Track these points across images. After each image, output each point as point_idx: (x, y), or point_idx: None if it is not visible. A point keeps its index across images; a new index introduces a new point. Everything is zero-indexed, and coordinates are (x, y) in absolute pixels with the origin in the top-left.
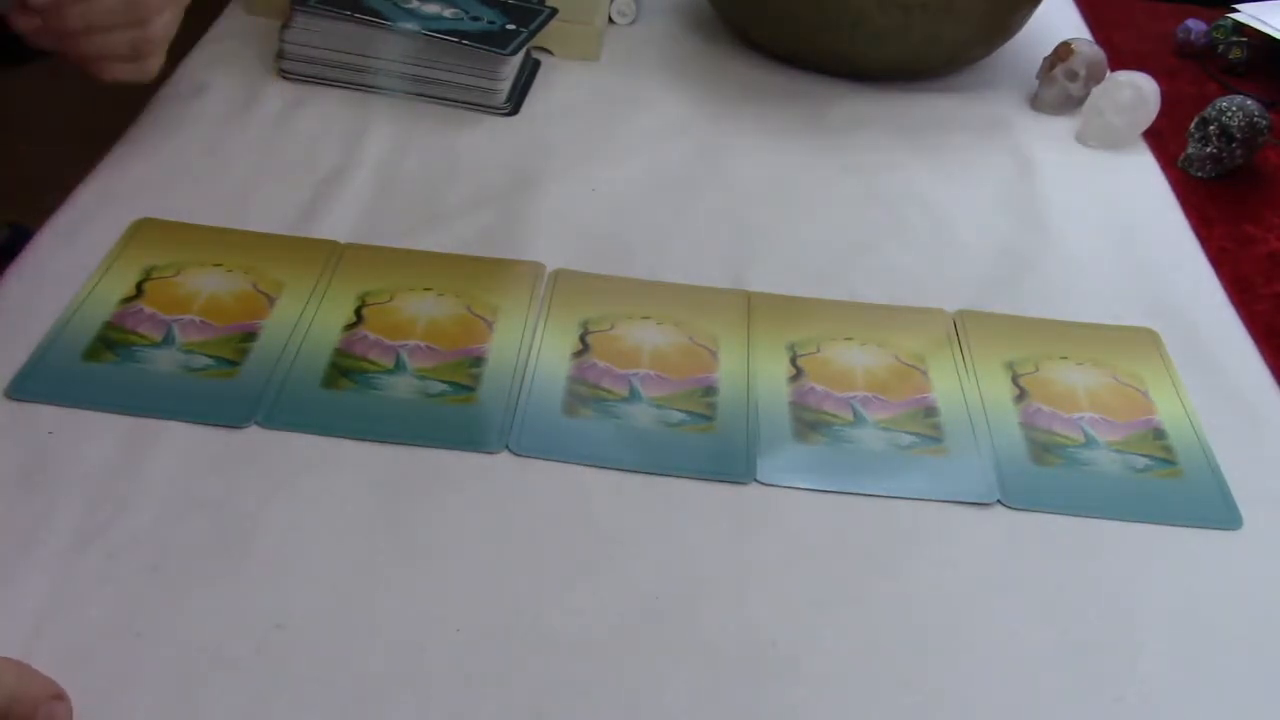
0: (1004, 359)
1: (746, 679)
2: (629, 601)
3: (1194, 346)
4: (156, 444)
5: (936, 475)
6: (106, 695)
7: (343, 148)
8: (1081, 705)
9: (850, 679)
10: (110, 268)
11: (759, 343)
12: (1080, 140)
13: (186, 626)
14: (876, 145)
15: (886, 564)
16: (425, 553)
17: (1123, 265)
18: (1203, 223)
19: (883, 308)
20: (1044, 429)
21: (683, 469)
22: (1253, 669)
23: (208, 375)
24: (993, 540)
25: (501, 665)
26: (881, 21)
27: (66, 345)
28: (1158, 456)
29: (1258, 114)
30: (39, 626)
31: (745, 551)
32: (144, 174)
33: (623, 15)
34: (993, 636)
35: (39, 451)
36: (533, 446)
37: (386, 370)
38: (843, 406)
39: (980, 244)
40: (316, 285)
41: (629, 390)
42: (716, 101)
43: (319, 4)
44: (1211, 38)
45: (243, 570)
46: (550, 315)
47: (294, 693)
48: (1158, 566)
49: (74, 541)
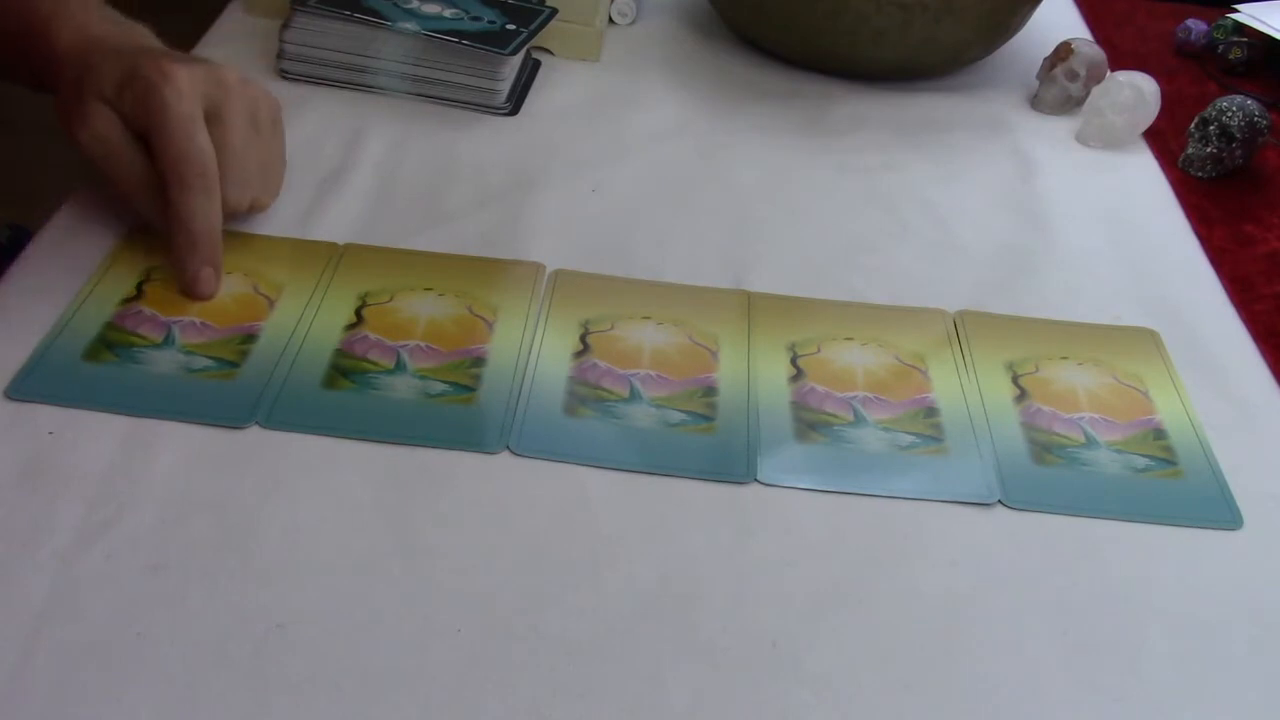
0: (1004, 359)
1: (746, 679)
2: (629, 601)
3: (1194, 346)
4: (157, 444)
5: (937, 475)
6: (106, 695)
7: (343, 148)
8: (1081, 705)
9: (850, 679)
10: (110, 268)
11: (759, 343)
12: (1080, 140)
13: (186, 626)
14: (876, 145)
15: (887, 564)
16: (425, 553)
17: (1123, 265)
18: (1203, 223)
19: (883, 308)
20: (1044, 429)
21: (683, 469)
22: (1253, 669)
23: (208, 376)
24: (993, 540)
25: (501, 665)
26: (881, 22)
27: (66, 345)
28: (1158, 456)
29: (1258, 114)
30: (39, 626)
31: (745, 551)
32: None
33: (623, 15)
34: (993, 636)
35: (39, 451)
36: (533, 446)
37: (387, 370)
38: (843, 406)
39: (980, 244)
40: (316, 286)
41: (629, 390)
42: (716, 101)
43: (318, 4)
44: (1211, 38)
45: (243, 570)
46: (550, 315)
47: (294, 693)
48: (1158, 566)
49: (74, 541)
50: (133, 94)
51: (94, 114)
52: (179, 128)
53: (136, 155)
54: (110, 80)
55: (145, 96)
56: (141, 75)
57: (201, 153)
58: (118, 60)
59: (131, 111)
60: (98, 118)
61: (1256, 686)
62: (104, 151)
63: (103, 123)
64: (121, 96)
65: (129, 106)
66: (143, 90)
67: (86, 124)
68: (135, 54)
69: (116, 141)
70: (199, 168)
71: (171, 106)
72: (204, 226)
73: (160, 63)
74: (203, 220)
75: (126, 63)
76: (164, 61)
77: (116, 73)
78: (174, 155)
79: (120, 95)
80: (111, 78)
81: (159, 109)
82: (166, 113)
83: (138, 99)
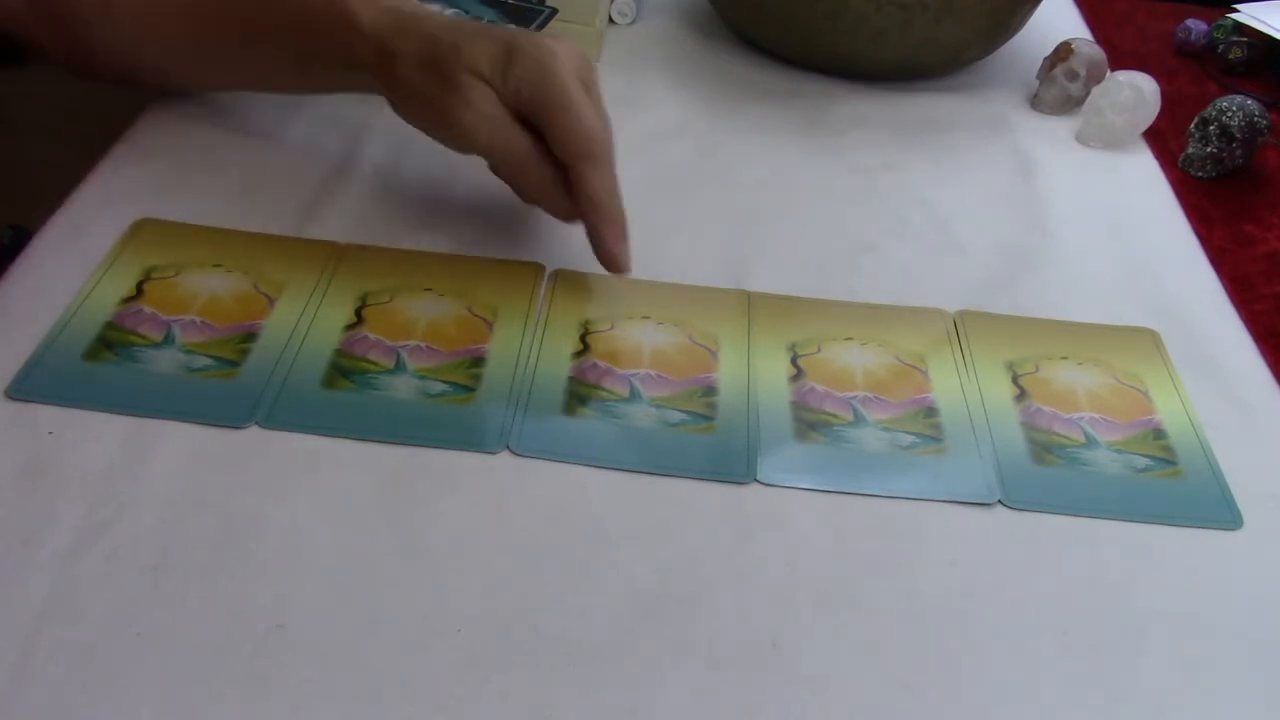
0: (1004, 359)
1: (746, 679)
2: (629, 601)
3: (1194, 346)
4: (157, 444)
5: (937, 475)
6: (106, 695)
7: (343, 148)
8: (1081, 705)
9: (850, 679)
10: (110, 268)
11: (759, 343)
12: (1080, 140)
13: (187, 626)
14: (876, 145)
15: (887, 564)
16: (425, 553)
17: (1123, 265)
18: (1203, 223)
19: (883, 308)
20: (1044, 429)
21: (683, 469)
22: (1253, 669)
23: (208, 375)
24: (993, 540)
25: (501, 665)
26: (881, 22)
27: (66, 345)
28: (1158, 456)
29: (1258, 114)
30: (39, 626)
31: (745, 551)
32: (144, 174)
33: (623, 15)
34: (993, 636)
35: (39, 451)
36: (533, 446)
37: (387, 370)
38: (843, 406)
39: (980, 244)
40: (316, 286)
41: (629, 390)
42: (716, 101)
43: None
44: (1211, 38)
45: (243, 570)
46: (550, 315)
47: (294, 693)
48: (1158, 566)
49: (74, 541)
50: (521, 72)
51: (477, 94)
52: (581, 105)
53: (523, 134)
54: (485, 58)
55: (539, 74)
56: (528, 53)
57: (604, 128)
58: (485, 38)
59: (518, 90)
60: (482, 99)
61: (1256, 686)
62: (491, 131)
63: (488, 103)
64: (506, 76)
65: (514, 85)
66: (534, 68)
67: (471, 105)
68: (500, 30)
69: (502, 120)
70: (604, 144)
71: (569, 83)
72: (616, 201)
73: (537, 39)
74: (614, 195)
75: (499, 40)
76: (539, 37)
77: (490, 50)
78: (582, 133)
79: (504, 74)
80: (486, 56)
81: (559, 88)
82: (567, 91)
83: (528, 77)
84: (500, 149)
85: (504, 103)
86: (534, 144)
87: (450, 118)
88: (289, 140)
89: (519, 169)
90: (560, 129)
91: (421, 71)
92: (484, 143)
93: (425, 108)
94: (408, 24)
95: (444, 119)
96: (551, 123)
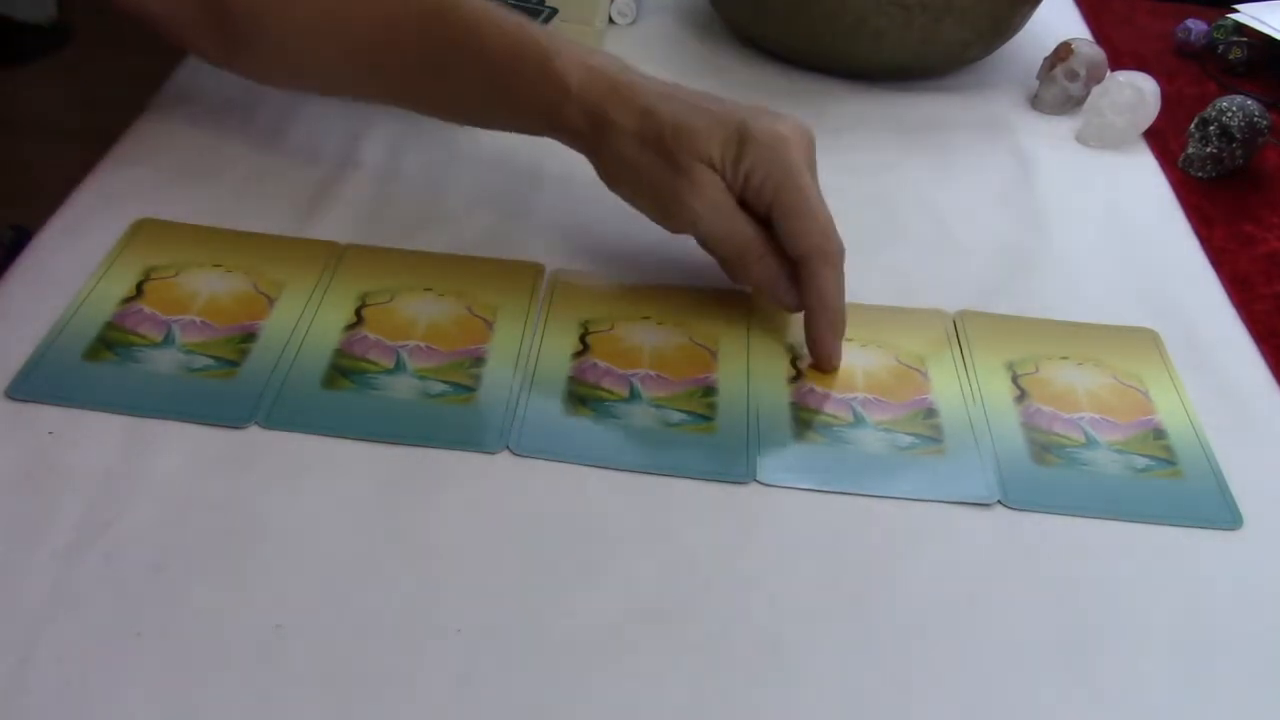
0: (1004, 359)
1: (746, 679)
2: (629, 601)
3: (1194, 346)
4: (156, 444)
5: (937, 475)
6: (106, 695)
7: (343, 148)
8: (1081, 705)
9: (851, 679)
10: (110, 268)
11: (759, 343)
12: (1080, 140)
13: (187, 626)
14: (876, 145)
15: (887, 564)
16: (425, 553)
17: (1123, 265)
18: (1203, 223)
19: (883, 308)
20: (1044, 429)
21: (683, 469)
22: (1253, 669)
23: (208, 375)
24: (993, 540)
25: (501, 665)
26: (881, 21)
27: (66, 345)
28: (1158, 457)
29: (1258, 114)
30: (39, 626)
31: (745, 552)
32: (144, 174)
33: (623, 15)
34: (993, 637)
35: (39, 451)
36: (533, 446)
37: (386, 370)
38: (843, 408)
39: (980, 244)
40: (316, 286)
41: (629, 390)
42: None
43: None
44: (1211, 38)
45: (243, 570)
46: (550, 315)
47: (294, 693)
48: (1158, 566)
49: (74, 541)
50: (753, 163)
51: (705, 181)
52: (816, 204)
53: (749, 223)
54: (717, 145)
55: (772, 167)
56: (761, 143)
57: (832, 225)
58: (710, 118)
59: (748, 178)
60: (711, 186)
61: (1257, 687)
62: (717, 220)
63: (717, 190)
64: (737, 165)
65: (745, 173)
66: (768, 157)
67: (698, 193)
68: (721, 107)
69: (729, 210)
70: (838, 244)
71: (804, 180)
72: (842, 302)
73: (765, 122)
74: (841, 296)
75: (726, 124)
76: (767, 119)
77: (720, 136)
78: (817, 232)
79: (735, 163)
80: (717, 143)
81: (793, 185)
82: (802, 190)
83: (761, 168)
84: (725, 238)
85: (731, 190)
86: (760, 234)
87: (675, 202)
88: (289, 140)
89: (743, 259)
90: (796, 229)
91: (644, 150)
92: (707, 230)
93: (645, 185)
94: (620, 92)
95: (666, 201)
96: (787, 221)
